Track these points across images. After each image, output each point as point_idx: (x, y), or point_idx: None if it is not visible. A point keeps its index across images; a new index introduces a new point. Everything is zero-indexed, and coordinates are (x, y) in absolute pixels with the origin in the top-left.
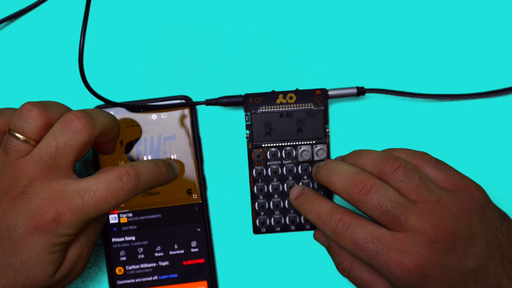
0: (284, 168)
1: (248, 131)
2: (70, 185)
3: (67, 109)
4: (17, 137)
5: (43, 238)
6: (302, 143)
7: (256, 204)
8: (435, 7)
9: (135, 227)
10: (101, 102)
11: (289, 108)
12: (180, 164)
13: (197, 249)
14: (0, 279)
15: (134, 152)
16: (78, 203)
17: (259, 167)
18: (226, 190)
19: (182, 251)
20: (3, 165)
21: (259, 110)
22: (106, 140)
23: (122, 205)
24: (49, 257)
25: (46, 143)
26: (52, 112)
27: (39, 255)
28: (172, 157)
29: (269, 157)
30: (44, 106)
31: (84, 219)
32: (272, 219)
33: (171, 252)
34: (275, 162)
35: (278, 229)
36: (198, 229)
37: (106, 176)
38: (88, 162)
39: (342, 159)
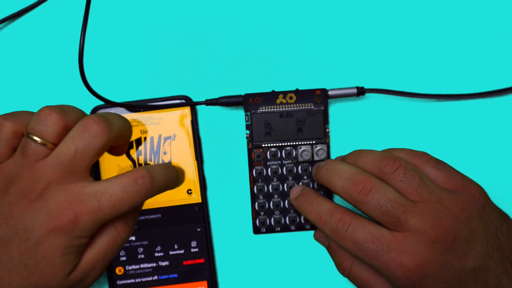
0: (284, 168)
1: (248, 131)
2: (87, 188)
3: (84, 114)
4: (35, 141)
5: (59, 240)
6: (302, 143)
7: (256, 204)
8: (435, 7)
9: (135, 227)
10: (101, 102)
11: (289, 108)
12: (180, 163)
13: (197, 249)
14: (14, 280)
15: (134, 152)
16: (95, 206)
17: (259, 167)
18: (226, 190)
19: (182, 251)
20: (21, 167)
21: (259, 110)
22: (120, 143)
23: None
24: (62, 258)
25: (65, 147)
26: (70, 117)
27: (53, 256)
28: (172, 157)
29: (269, 157)
30: (62, 110)
31: (100, 221)
32: (272, 219)
33: (171, 252)
34: (275, 162)
35: (278, 229)
36: (198, 229)
37: (122, 179)
38: None
39: (342, 159)
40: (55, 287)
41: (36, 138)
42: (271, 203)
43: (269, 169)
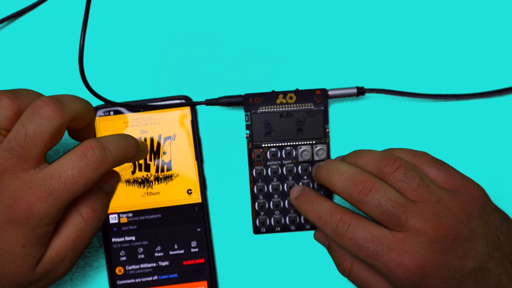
0: (284, 168)
1: (248, 131)
2: (38, 173)
3: (39, 96)
4: None
5: (17, 232)
6: (302, 143)
7: (256, 204)
8: (435, 7)
9: (135, 227)
10: (101, 102)
11: (289, 108)
12: (180, 163)
13: (197, 249)
14: None
15: None
16: (47, 191)
17: (259, 167)
18: (226, 190)
19: (182, 251)
20: None
21: (259, 110)
22: (80, 125)
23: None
24: (23, 251)
25: (16, 132)
26: (23, 100)
27: (13, 249)
28: (172, 157)
29: (269, 157)
30: (14, 94)
31: (58, 206)
32: (272, 219)
33: (171, 252)
34: (275, 162)
35: (278, 229)
36: (198, 229)
37: (69, 156)
38: None
39: (342, 159)
40: (20, 281)
41: None
42: (271, 203)
43: (269, 169)
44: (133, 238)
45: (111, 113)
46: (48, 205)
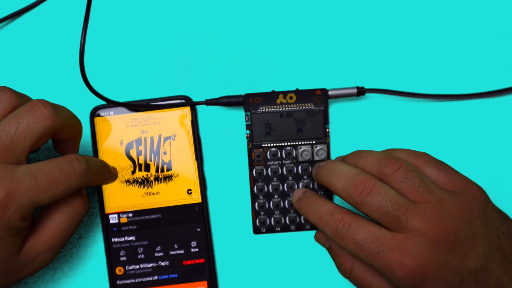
0: (284, 168)
1: (248, 131)
2: (21, 167)
3: None
4: None
5: None
6: (302, 143)
7: (256, 204)
8: (435, 7)
9: (135, 227)
10: (102, 102)
11: (289, 108)
12: (180, 163)
13: (197, 249)
14: None
15: (134, 152)
16: (31, 183)
17: (259, 167)
18: (226, 190)
19: (182, 251)
20: None
21: (259, 110)
22: (66, 137)
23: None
24: (0, 242)
25: (7, 123)
26: (23, 100)
27: None
28: (172, 157)
29: (269, 157)
30: (18, 93)
31: (34, 203)
32: (272, 219)
33: (171, 252)
34: (275, 162)
35: (278, 229)
36: (198, 229)
37: (56, 160)
38: None
39: (343, 159)
40: (1, 270)
41: None
42: (271, 203)
43: (269, 169)
44: (133, 238)
45: (111, 113)
46: (28, 199)
